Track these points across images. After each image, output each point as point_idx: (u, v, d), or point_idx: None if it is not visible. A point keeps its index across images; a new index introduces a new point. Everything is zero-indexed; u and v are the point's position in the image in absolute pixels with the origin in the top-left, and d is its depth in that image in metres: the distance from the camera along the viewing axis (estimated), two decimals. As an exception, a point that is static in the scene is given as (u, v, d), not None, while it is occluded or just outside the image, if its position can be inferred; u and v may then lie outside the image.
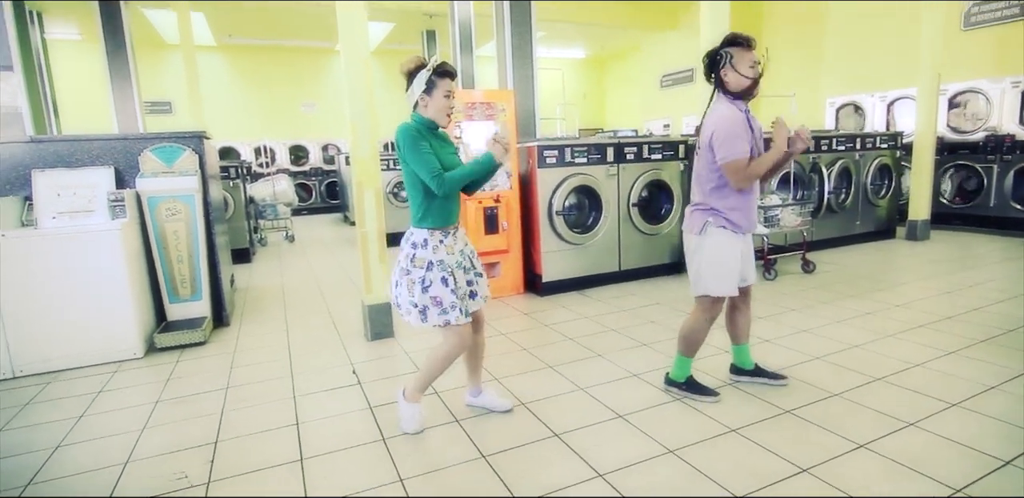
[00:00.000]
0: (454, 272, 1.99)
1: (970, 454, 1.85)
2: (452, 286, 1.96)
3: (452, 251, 2.02)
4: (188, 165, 3.47)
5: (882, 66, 7.46)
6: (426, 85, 1.92)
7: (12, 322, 2.79)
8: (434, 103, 1.94)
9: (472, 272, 2.10)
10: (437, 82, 1.92)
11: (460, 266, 2.03)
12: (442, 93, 1.93)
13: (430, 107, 1.95)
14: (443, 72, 1.93)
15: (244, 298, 4.37)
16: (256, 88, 10.89)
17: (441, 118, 1.97)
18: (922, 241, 5.76)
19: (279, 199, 6.86)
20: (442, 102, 1.94)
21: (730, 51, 2.12)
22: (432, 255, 1.97)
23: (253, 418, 2.30)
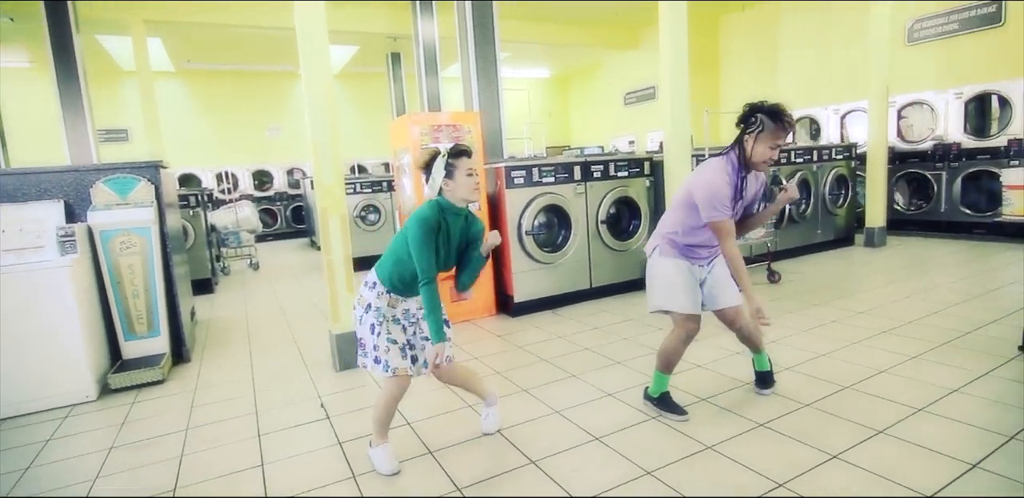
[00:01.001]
0: (386, 323, 1.99)
1: (938, 459, 1.88)
2: (381, 333, 1.97)
3: (394, 304, 2.01)
4: (143, 196, 3.36)
5: (834, 80, 7.79)
6: (445, 170, 1.94)
7: (-48, 368, 2.62)
8: (459, 184, 1.94)
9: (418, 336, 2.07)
10: (456, 164, 1.94)
11: (397, 322, 2.03)
12: (464, 172, 1.94)
13: (457, 189, 1.95)
14: (458, 153, 1.95)
15: (206, 331, 4.21)
16: (217, 113, 10.73)
17: (472, 194, 1.97)
18: (879, 247, 5.95)
19: (242, 226, 6.71)
20: (465, 180, 1.94)
21: (767, 122, 2.08)
22: (374, 299, 1.99)
23: (215, 461, 2.19)
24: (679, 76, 4.46)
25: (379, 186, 6.99)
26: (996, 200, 5.68)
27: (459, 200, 1.96)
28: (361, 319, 2.01)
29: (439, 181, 1.94)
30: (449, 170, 1.93)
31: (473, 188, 1.95)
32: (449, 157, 1.94)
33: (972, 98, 5.94)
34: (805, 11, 8.22)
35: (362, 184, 6.89)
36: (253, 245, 7.07)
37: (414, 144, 3.96)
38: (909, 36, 6.91)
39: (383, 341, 1.96)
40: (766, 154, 2.10)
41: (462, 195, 1.95)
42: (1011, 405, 2.23)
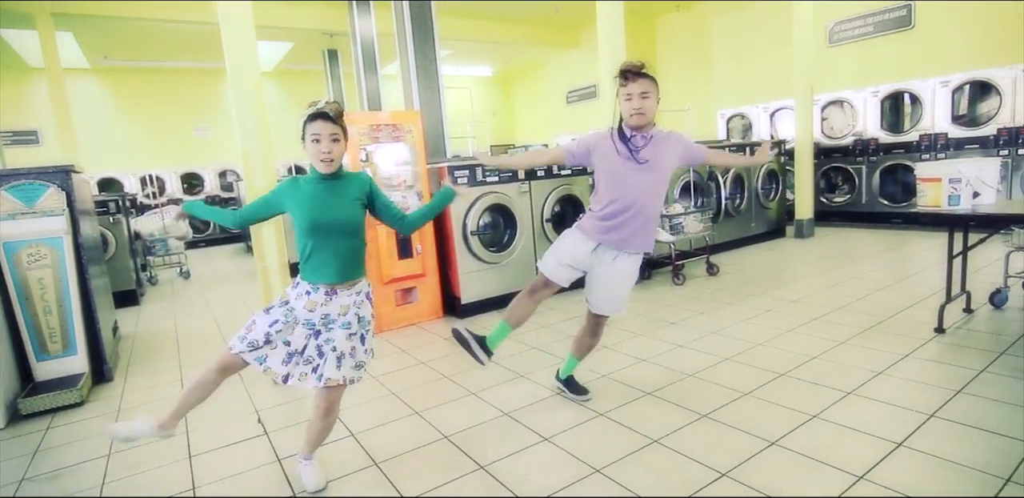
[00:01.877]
0: (292, 325, 1.81)
1: (868, 440, 1.98)
2: (271, 328, 1.79)
3: (313, 308, 1.80)
4: (53, 204, 3.09)
5: (763, 80, 8.14)
6: (302, 132, 1.77)
7: None
8: (307, 149, 1.78)
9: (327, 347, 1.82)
10: (305, 126, 1.76)
11: (310, 327, 1.82)
12: (310, 138, 1.76)
13: (308, 153, 1.79)
14: (311, 116, 1.76)
15: (131, 347, 3.93)
16: (140, 113, 10.06)
17: (316, 163, 1.77)
18: (808, 238, 6.27)
19: (170, 232, 6.32)
20: (311, 148, 1.76)
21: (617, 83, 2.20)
22: (294, 300, 1.82)
23: (140, 488, 2.04)
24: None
25: (319, 188, 6.73)
26: (911, 191, 6.10)
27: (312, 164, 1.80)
28: (269, 310, 1.83)
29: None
30: (303, 134, 1.77)
31: (315, 157, 1.76)
32: (305, 119, 1.76)
33: (887, 96, 6.35)
34: (735, 13, 8.57)
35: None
36: (183, 252, 6.68)
37: (351, 144, 3.83)
38: (830, 38, 7.31)
39: (278, 339, 1.80)
40: (626, 108, 2.17)
41: (312, 162, 1.79)
42: (930, 384, 2.38)
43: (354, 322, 1.84)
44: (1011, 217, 2.86)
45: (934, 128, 5.96)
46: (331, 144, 1.76)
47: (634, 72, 2.13)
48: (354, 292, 1.85)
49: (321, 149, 1.75)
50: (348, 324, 1.82)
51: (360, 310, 1.86)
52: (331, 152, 1.76)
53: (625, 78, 2.15)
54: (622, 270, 2.28)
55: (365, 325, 1.87)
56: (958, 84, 5.78)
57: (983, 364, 2.54)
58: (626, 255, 2.27)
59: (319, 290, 1.80)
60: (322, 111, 1.76)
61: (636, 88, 2.13)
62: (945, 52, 6.19)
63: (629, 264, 2.29)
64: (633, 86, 2.13)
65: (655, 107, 2.18)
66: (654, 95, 2.16)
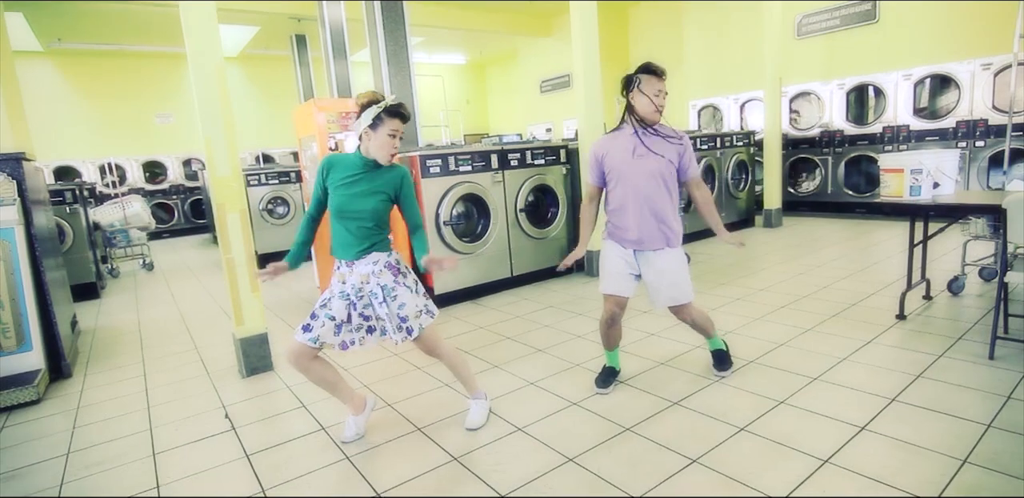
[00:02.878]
0: (332, 301, 2.01)
1: (833, 424, 2.03)
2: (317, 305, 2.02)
3: (342, 279, 2.04)
4: (3, 193, 2.95)
5: (734, 71, 8.22)
6: (373, 120, 1.94)
7: None
8: (376, 139, 1.95)
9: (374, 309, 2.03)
10: (385, 120, 1.94)
11: (344, 297, 2.01)
12: (387, 131, 1.94)
13: (372, 142, 1.96)
14: (395, 112, 1.94)
15: (90, 342, 3.79)
16: (98, 99, 9.63)
17: (382, 156, 1.98)
18: (776, 228, 6.41)
19: (131, 223, 6.09)
20: (385, 140, 1.95)
21: (642, 75, 2.23)
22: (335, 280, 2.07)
23: (100, 487, 1.97)
24: (591, 65, 4.52)
25: (287, 177, 6.59)
26: (875, 182, 6.27)
27: (370, 155, 1.99)
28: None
29: (361, 128, 1.95)
30: (376, 123, 1.93)
31: (388, 150, 1.97)
32: (384, 111, 1.93)
33: (852, 89, 6.49)
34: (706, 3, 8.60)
35: (268, 175, 6.47)
36: (145, 243, 6.45)
37: (320, 132, 3.74)
38: (798, 30, 7.41)
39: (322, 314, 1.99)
40: (650, 104, 2.23)
41: (374, 152, 1.98)
42: (892, 369, 2.46)
43: (379, 291, 2.00)
44: (969, 207, 2.95)
45: (897, 120, 6.12)
46: (399, 141, 2.00)
47: (662, 70, 2.25)
48: (371, 262, 2.02)
49: (395, 144, 1.97)
50: (375, 293, 2.00)
51: (380, 279, 2.01)
52: (398, 148, 2.01)
53: (658, 74, 2.23)
54: (662, 268, 2.33)
55: (390, 292, 2.01)
56: (920, 77, 5.93)
57: (942, 349, 2.63)
58: (655, 253, 2.33)
59: (342, 263, 2.04)
60: (408, 115, 1.98)
61: (664, 86, 2.25)
62: (908, 46, 6.34)
63: (665, 260, 2.33)
64: (663, 83, 2.24)
65: None
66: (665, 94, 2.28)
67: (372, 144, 1.96)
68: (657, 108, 2.23)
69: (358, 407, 2.19)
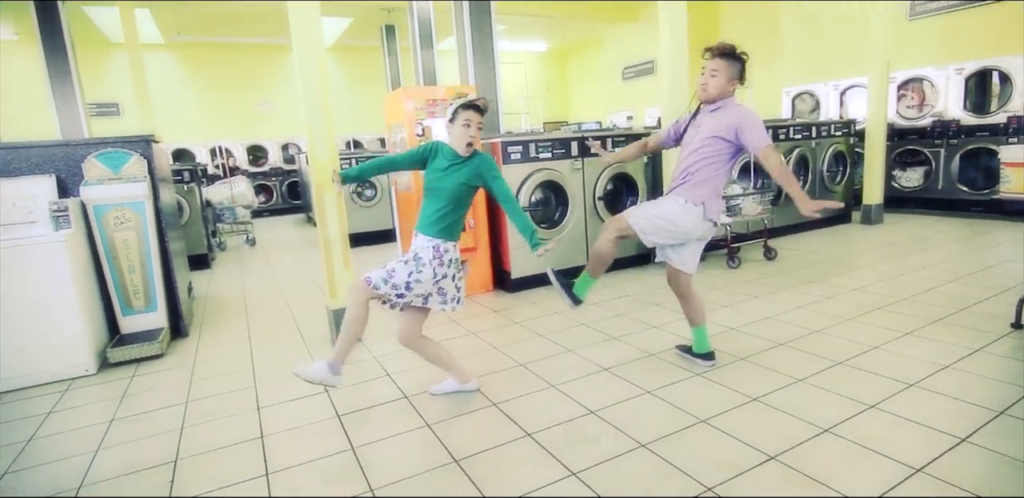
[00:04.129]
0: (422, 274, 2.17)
1: (929, 433, 1.92)
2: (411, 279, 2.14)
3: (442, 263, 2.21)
4: (136, 171, 3.32)
5: (834, 56, 7.65)
6: (452, 114, 2.17)
7: (-51, 343, 2.63)
8: (454, 130, 2.18)
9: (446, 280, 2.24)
10: (460, 112, 2.15)
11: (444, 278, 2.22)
12: (461, 122, 2.15)
13: (452, 134, 2.19)
14: (467, 104, 2.16)
15: (203, 306, 4.22)
16: (210, 87, 10.51)
17: (459, 145, 2.19)
18: (876, 225, 5.96)
19: (237, 201, 6.65)
20: (459, 130, 2.16)
21: None
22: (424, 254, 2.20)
23: (215, 433, 2.22)
24: (678, 50, 4.39)
25: (375, 162, 6.90)
26: (994, 177, 5.66)
27: (453, 145, 2.21)
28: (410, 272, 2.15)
29: (448, 122, 2.19)
30: (453, 116, 2.17)
31: (464, 140, 2.16)
32: (460, 105, 2.16)
33: (972, 74, 5.86)
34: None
35: (357, 159, 6.81)
36: (249, 221, 7.03)
37: (408, 119, 3.90)
38: (911, 11, 6.76)
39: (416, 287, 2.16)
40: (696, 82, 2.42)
41: (452, 142, 2.21)
42: (1002, 381, 2.27)
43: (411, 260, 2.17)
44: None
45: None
46: (476, 131, 2.18)
47: (710, 50, 2.32)
48: (426, 240, 2.19)
49: (469, 134, 2.15)
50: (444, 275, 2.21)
51: (421, 254, 2.18)
52: (475, 137, 2.18)
53: (707, 54, 2.34)
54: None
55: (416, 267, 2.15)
56: (1060, 61, 5.26)
57: (1064, 362, 2.39)
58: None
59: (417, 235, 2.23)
60: (483, 106, 2.19)
61: (708, 66, 2.33)
62: (1047, 25, 5.63)
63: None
64: (706, 63, 2.33)
65: (721, 85, 2.32)
66: (723, 74, 2.30)
67: (452, 136, 2.19)
68: (698, 86, 2.37)
69: (465, 378, 2.42)
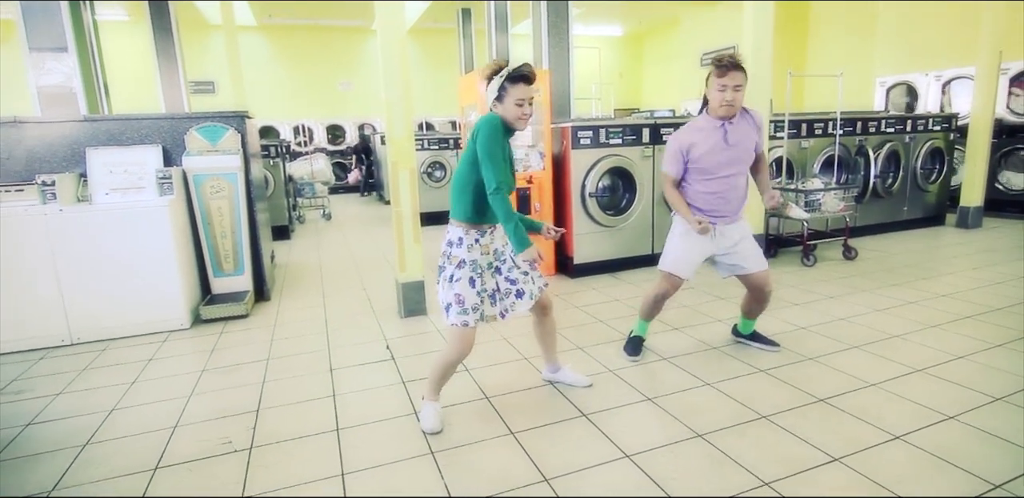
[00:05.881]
0: (483, 274, 1.96)
1: (1012, 449, 1.80)
2: (478, 287, 1.93)
3: (488, 251, 1.97)
4: (231, 144, 3.57)
5: (938, 44, 7.02)
6: (498, 92, 1.84)
7: (70, 292, 2.96)
8: (506, 110, 1.86)
9: (515, 271, 2.02)
10: (509, 89, 1.83)
11: (492, 267, 1.99)
12: (514, 101, 1.83)
13: (505, 115, 1.87)
14: (516, 77, 1.82)
15: (283, 274, 4.51)
16: (294, 67, 11.02)
17: (517, 123, 1.88)
18: (973, 229, 5.49)
19: (316, 177, 7.00)
20: (513, 109, 1.84)
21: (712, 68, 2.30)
22: (466, 254, 1.93)
23: (292, 389, 2.40)
24: (762, 35, 4.17)
25: (445, 143, 7.06)
26: (1121, 183, 5.08)
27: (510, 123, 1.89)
28: (454, 276, 1.92)
29: (489, 102, 1.87)
30: (500, 94, 1.84)
31: (518, 117, 1.86)
32: (506, 79, 1.82)
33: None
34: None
35: (429, 141, 6.98)
36: (326, 196, 7.39)
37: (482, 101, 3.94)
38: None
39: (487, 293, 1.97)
40: (718, 98, 2.27)
41: (509, 121, 1.88)
42: (1105, 401, 2.08)
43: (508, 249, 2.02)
44: None
45: None
46: (530, 107, 1.89)
47: (730, 64, 2.23)
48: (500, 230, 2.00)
49: (526, 111, 1.87)
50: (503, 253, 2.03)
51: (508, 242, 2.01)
52: (530, 114, 1.89)
53: (721, 69, 2.24)
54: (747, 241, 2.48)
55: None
56: None
57: None
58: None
59: (484, 232, 1.96)
60: (530, 75, 1.84)
61: (730, 80, 2.23)
62: None
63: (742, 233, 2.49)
64: (727, 78, 2.24)
65: (743, 97, 2.30)
66: (744, 87, 2.27)
67: (506, 116, 1.86)
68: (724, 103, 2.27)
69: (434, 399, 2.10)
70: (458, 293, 1.92)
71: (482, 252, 1.95)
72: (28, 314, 2.92)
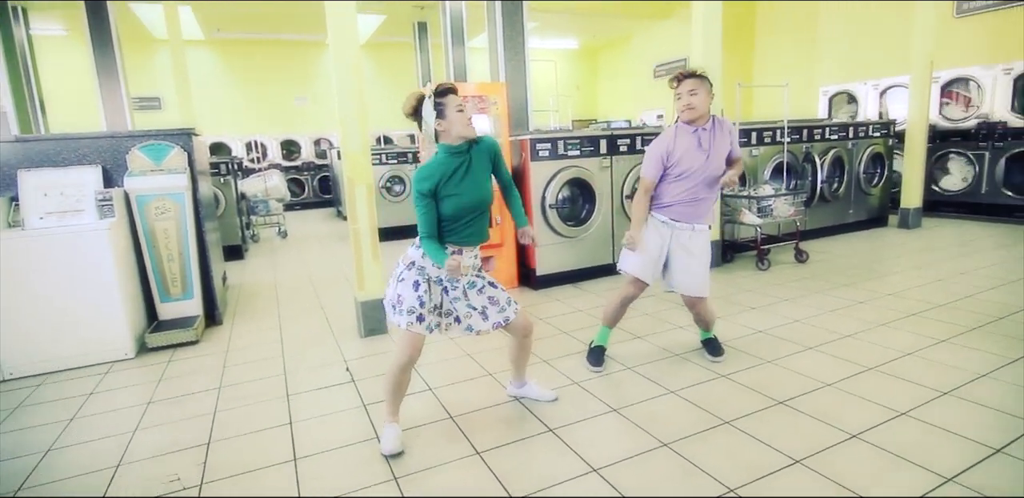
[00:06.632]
0: (431, 285, 1.97)
1: (962, 442, 1.87)
2: (420, 292, 1.94)
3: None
4: (177, 162, 3.43)
5: (875, 54, 7.43)
6: (436, 110, 1.87)
7: (3, 323, 2.77)
8: (451, 121, 1.88)
9: (459, 302, 2.01)
10: (444, 102, 1.88)
11: (439, 284, 1.99)
12: (453, 109, 1.87)
13: (451, 128, 1.88)
14: (443, 91, 1.89)
15: (237, 296, 4.34)
16: (247, 82, 10.76)
17: (466, 130, 1.90)
18: (914, 229, 5.78)
19: (271, 195, 6.81)
20: (457, 117, 1.88)
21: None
22: (420, 259, 1.95)
23: (246, 418, 2.29)
24: (712, 48, 4.33)
25: (404, 157, 6.99)
26: (1043, 182, 5.43)
27: (456, 139, 1.90)
28: (401, 275, 1.96)
29: (432, 124, 1.88)
30: (439, 109, 1.87)
31: (466, 123, 1.89)
32: (436, 96, 1.88)
33: (1022, 75, 5.62)
34: (851, -21, 7.80)
35: (387, 155, 6.90)
36: (281, 214, 7.19)
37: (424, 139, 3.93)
38: (958, 8, 6.52)
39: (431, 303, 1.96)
40: (679, 106, 2.42)
41: (457, 132, 1.89)
42: (1041, 391, 2.19)
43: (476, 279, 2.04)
44: None
45: (1082, 111, 5.24)
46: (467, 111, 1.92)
47: (681, 75, 2.39)
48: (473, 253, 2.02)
49: (468, 116, 1.91)
50: (472, 283, 2.03)
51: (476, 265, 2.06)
52: (471, 117, 1.93)
53: (675, 81, 2.41)
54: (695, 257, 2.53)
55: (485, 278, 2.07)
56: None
57: (1111, 375, 2.29)
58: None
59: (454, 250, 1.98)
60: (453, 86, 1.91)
61: (684, 88, 2.38)
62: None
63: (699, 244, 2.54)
64: (681, 87, 2.39)
65: (705, 100, 2.38)
66: (702, 90, 2.36)
67: (452, 128, 1.88)
68: (683, 108, 2.40)
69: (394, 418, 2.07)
70: (400, 293, 1.95)
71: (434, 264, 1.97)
72: (-47, 350, 2.71)
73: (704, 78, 2.39)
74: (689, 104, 2.37)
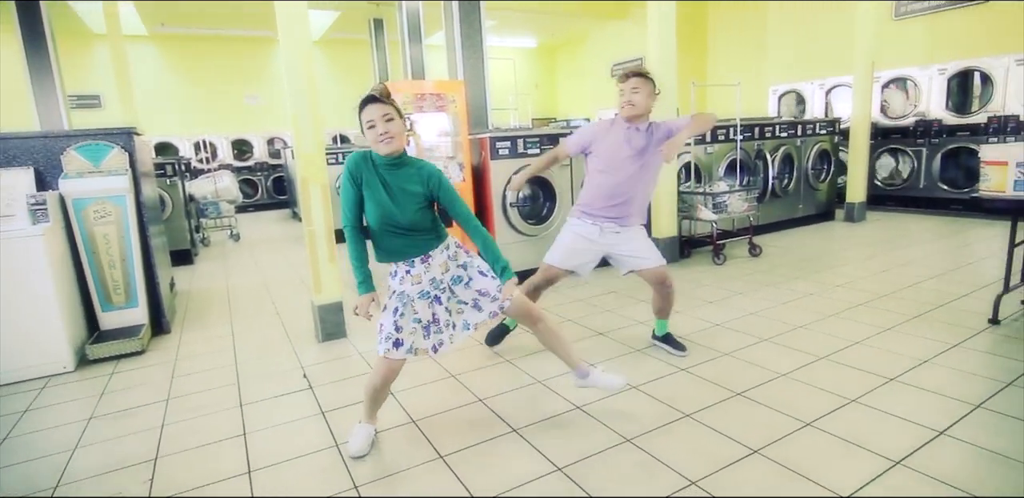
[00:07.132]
0: (413, 303, 1.89)
1: (908, 426, 1.95)
2: (396, 317, 1.86)
3: (419, 280, 1.89)
4: (117, 164, 3.25)
5: (821, 55, 7.72)
6: (360, 125, 1.78)
7: (-79, 339, 2.56)
8: (367, 137, 1.77)
9: (453, 300, 1.97)
10: (360, 116, 1.76)
11: (428, 296, 1.91)
12: (365, 125, 1.75)
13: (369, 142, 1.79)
14: (361, 103, 1.76)
15: (186, 302, 4.16)
16: (195, 80, 10.33)
17: (376, 146, 1.77)
18: (859, 222, 6.04)
19: (221, 196, 6.56)
20: (368, 135, 1.75)
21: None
22: (398, 285, 1.91)
23: (196, 431, 2.19)
24: (667, 48, 4.40)
25: (362, 157, 6.85)
26: (974, 176, 5.76)
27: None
28: (384, 305, 1.90)
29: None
30: (360, 124, 1.78)
31: (375, 140, 1.74)
32: (357, 109, 1.77)
33: (955, 74, 5.94)
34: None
35: (344, 154, 6.75)
36: (233, 216, 6.93)
37: (397, 113, 3.87)
38: (896, 10, 6.85)
39: (407, 322, 1.88)
40: (620, 102, 2.49)
41: (372, 148, 1.80)
42: (979, 375, 2.31)
43: (461, 272, 1.97)
44: (1087, 205, 2.68)
45: (1005, 110, 5.57)
46: (386, 124, 1.74)
47: (627, 73, 2.46)
48: (443, 248, 1.93)
49: (378, 133, 1.74)
50: (458, 278, 1.96)
51: (457, 259, 1.97)
52: (388, 132, 1.74)
53: (621, 78, 2.48)
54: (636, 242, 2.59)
55: (471, 268, 1.99)
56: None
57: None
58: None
59: (412, 264, 1.89)
60: (373, 95, 1.75)
61: (627, 85, 2.45)
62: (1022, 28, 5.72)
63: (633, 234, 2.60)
64: (625, 84, 2.46)
65: (645, 99, 2.44)
66: (643, 89, 2.43)
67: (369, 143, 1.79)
68: (623, 103, 2.46)
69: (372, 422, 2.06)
70: (381, 322, 1.90)
71: (413, 282, 1.89)
72: None
73: (648, 79, 2.45)
74: (630, 101, 2.44)
